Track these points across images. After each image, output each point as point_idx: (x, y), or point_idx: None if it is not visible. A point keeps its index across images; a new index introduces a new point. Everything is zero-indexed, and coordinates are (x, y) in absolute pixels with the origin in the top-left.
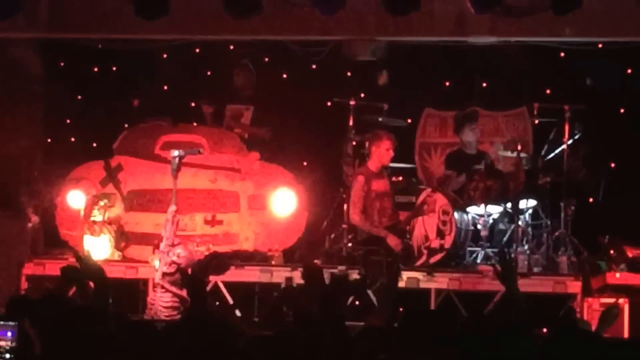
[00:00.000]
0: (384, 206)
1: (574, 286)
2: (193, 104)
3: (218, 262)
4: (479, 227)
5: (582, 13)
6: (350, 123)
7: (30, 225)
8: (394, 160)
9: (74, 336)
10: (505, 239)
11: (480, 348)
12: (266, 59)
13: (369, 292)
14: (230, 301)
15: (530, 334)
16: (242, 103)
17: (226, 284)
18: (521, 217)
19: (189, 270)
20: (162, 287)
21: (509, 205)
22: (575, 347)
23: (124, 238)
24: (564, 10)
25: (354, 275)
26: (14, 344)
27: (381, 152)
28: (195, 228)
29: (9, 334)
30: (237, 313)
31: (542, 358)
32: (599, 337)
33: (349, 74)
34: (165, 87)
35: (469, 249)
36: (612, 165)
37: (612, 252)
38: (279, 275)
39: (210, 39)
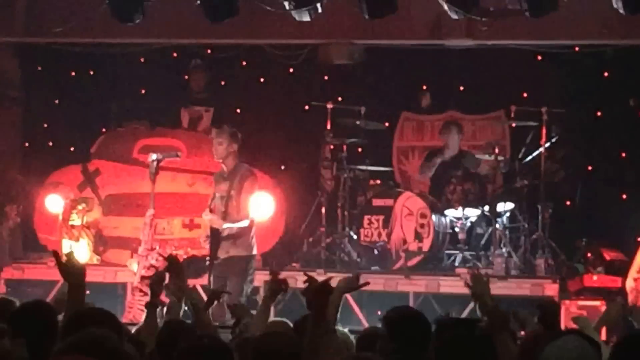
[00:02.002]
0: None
1: (551, 289)
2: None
3: (196, 265)
4: (456, 230)
5: (558, 16)
6: (328, 126)
7: (8, 229)
8: (372, 163)
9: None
10: (482, 241)
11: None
12: (244, 63)
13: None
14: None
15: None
16: (201, 105)
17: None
18: (499, 220)
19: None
20: (141, 290)
21: (486, 208)
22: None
23: (102, 242)
24: (540, 13)
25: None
26: None
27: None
28: (173, 232)
29: None
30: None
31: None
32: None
33: (326, 77)
34: (143, 91)
35: (447, 252)
36: (589, 168)
37: (589, 254)
38: (257, 278)
39: (187, 42)
